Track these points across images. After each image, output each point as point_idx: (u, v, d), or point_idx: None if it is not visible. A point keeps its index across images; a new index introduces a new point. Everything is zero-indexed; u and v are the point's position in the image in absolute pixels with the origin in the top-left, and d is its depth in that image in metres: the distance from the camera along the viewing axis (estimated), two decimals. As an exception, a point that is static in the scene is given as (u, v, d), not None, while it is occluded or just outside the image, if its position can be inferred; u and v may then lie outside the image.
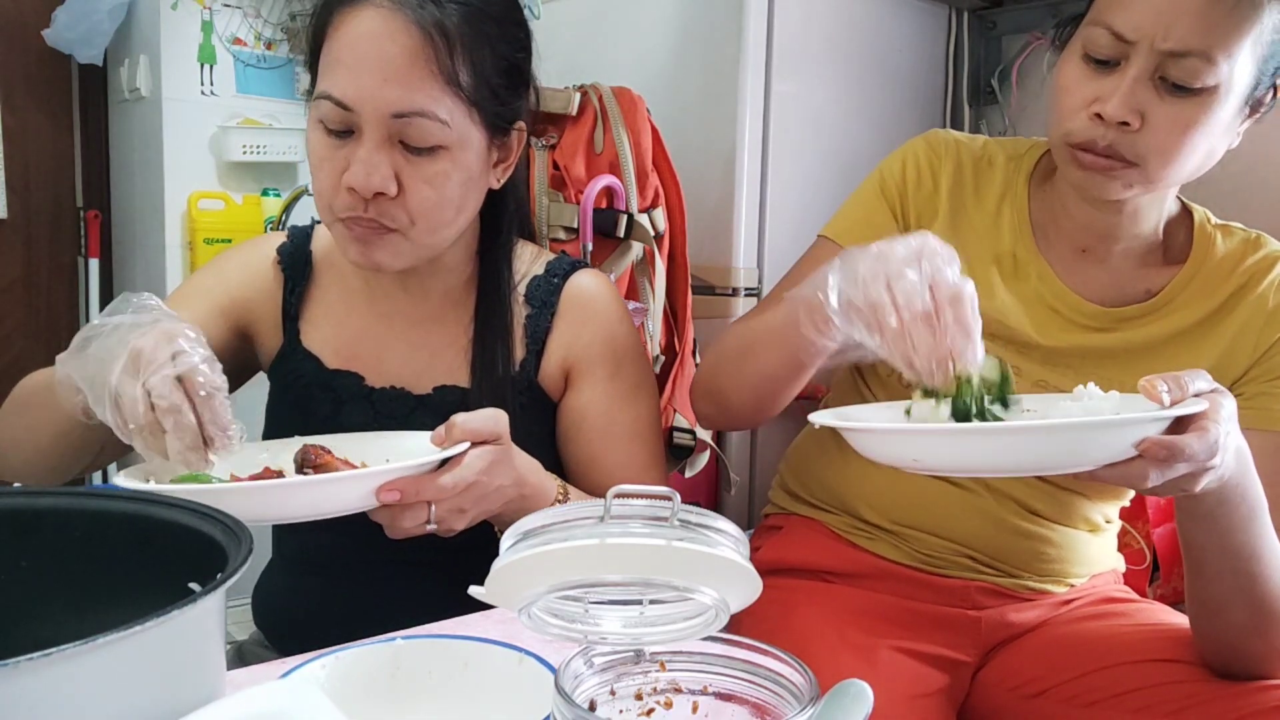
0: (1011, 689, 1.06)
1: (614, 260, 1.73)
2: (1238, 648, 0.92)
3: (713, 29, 1.83)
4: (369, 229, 0.96)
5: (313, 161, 0.99)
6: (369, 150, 0.93)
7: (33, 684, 0.42)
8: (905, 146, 1.16)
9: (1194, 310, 1.05)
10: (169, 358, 0.77)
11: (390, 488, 0.79)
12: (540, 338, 1.07)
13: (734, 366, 1.05)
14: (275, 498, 0.78)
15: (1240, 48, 0.92)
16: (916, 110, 2.06)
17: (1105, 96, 0.94)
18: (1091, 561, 1.13)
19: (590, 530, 0.55)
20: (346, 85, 0.93)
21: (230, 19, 2.49)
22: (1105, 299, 1.07)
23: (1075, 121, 0.97)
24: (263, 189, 2.57)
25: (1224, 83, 0.93)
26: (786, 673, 0.56)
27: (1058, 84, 1.01)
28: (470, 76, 0.96)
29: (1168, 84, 0.93)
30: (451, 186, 0.97)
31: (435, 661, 0.71)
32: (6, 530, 0.62)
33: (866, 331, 0.79)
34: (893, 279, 0.78)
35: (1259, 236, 1.08)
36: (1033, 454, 0.74)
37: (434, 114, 0.93)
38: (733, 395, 1.06)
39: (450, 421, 0.85)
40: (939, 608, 1.09)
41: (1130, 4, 0.93)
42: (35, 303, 2.79)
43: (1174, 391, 0.75)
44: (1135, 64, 0.93)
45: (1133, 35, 0.92)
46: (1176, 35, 0.91)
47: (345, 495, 0.80)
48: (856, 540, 1.13)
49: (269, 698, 0.50)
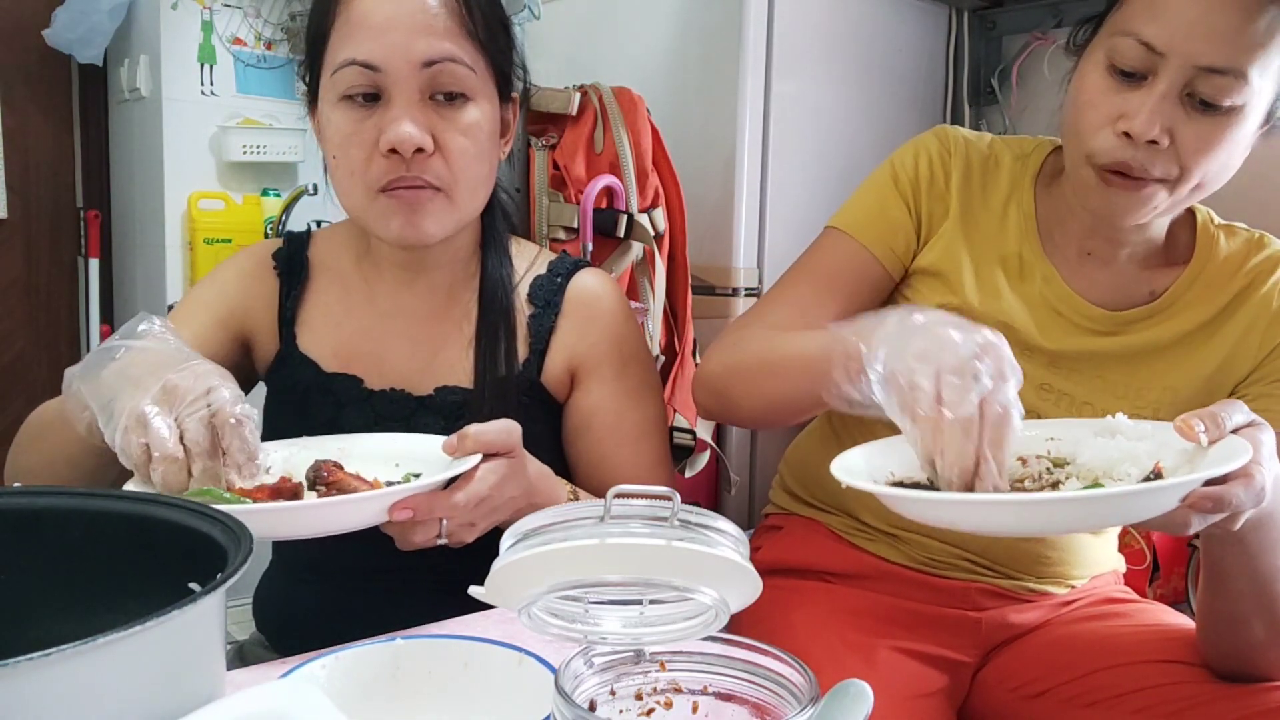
0: (1012, 689, 1.06)
1: (614, 260, 1.73)
2: (1249, 660, 0.92)
3: (713, 29, 1.83)
4: (415, 193, 0.96)
5: (337, 141, 0.98)
6: (402, 107, 0.95)
7: (33, 684, 0.42)
8: (917, 141, 1.14)
9: (1197, 313, 1.04)
10: (204, 392, 0.77)
11: (403, 506, 0.79)
12: (544, 337, 1.07)
13: (752, 380, 1.02)
14: (288, 519, 0.78)
15: (1270, 66, 0.89)
16: (916, 110, 2.06)
17: (1131, 113, 0.91)
18: (1092, 563, 1.14)
19: (590, 530, 0.55)
20: (373, 46, 0.94)
21: (230, 19, 2.49)
22: (1109, 302, 1.05)
23: (1101, 140, 0.93)
24: (263, 189, 2.57)
25: (1250, 101, 0.90)
26: (786, 673, 0.56)
27: (1079, 97, 0.97)
28: (484, 29, 0.99)
29: (1195, 100, 0.90)
30: (484, 138, 0.99)
31: (435, 661, 0.71)
32: (6, 530, 0.62)
33: (899, 409, 0.75)
34: (944, 373, 0.73)
35: (1262, 236, 1.06)
36: (1086, 517, 0.74)
37: (461, 59, 0.96)
38: (744, 405, 1.05)
39: (463, 432, 0.84)
40: (939, 608, 1.08)
41: (1163, 15, 0.89)
42: (35, 303, 2.79)
43: (1211, 431, 0.73)
44: (1165, 78, 0.90)
45: (1165, 48, 0.89)
46: (1213, 51, 0.88)
47: (358, 515, 0.79)
48: (856, 541, 1.13)
49: (269, 698, 0.50)
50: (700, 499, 1.86)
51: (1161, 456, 0.77)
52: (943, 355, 0.74)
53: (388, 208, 0.97)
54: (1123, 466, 0.78)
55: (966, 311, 1.01)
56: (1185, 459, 0.76)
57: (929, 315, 0.79)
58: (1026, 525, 0.74)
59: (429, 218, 0.98)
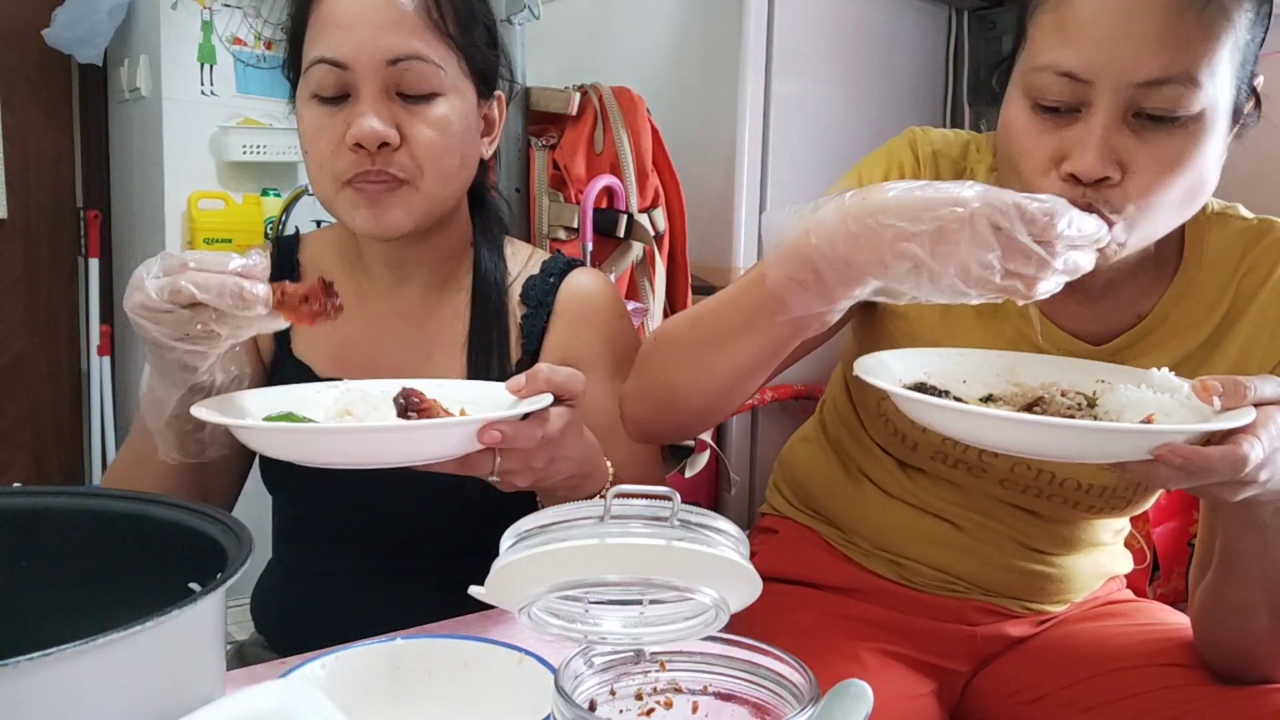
0: (1008, 695, 1.05)
1: (614, 260, 1.73)
2: (1250, 651, 0.90)
3: (713, 29, 1.83)
4: (379, 187, 0.97)
5: (308, 136, 0.99)
6: (367, 103, 0.95)
7: (33, 684, 0.42)
8: (889, 152, 1.03)
9: (1194, 330, 0.94)
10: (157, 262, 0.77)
11: (494, 428, 0.77)
12: (536, 338, 1.07)
13: (692, 363, 0.93)
14: (381, 441, 0.75)
15: (1220, 60, 0.78)
16: (916, 110, 2.06)
17: (1074, 151, 0.80)
18: (1094, 581, 1.11)
19: (590, 530, 0.56)
20: (340, 43, 0.95)
21: (230, 19, 2.49)
22: (1094, 333, 0.95)
23: (1047, 187, 0.81)
24: (263, 189, 2.57)
25: (1211, 105, 0.79)
26: (786, 673, 0.56)
27: (1011, 145, 0.85)
28: (456, 26, 0.98)
29: (1145, 118, 0.79)
30: (454, 132, 0.98)
31: (435, 661, 0.71)
32: (6, 530, 0.62)
33: (893, 257, 0.72)
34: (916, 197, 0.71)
35: (1261, 221, 0.95)
36: (1055, 445, 0.71)
37: (428, 57, 0.96)
38: (693, 396, 0.95)
39: (534, 369, 0.82)
40: (933, 622, 1.07)
41: (1077, 37, 0.79)
42: (35, 303, 2.79)
43: (1230, 397, 0.70)
44: (1102, 106, 0.78)
45: (1089, 73, 0.78)
46: (1145, 61, 0.77)
47: (454, 438, 0.77)
48: (850, 555, 1.11)
49: (269, 698, 0.50)
50: (700, 499, 1.86)
51: (1174, 412, 0.75)
52: (905, 195, 0.72)
53: (353, 201, 0.98)
54: (1129, 413, 0.77)
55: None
56: (1199, 419, 0.74)
57: (860, 191, 0.76)
58: (993, 439, 0.73)
59: (394, 209, 0.98)
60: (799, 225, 0.78)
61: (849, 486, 1.11)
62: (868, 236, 0.74)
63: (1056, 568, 1.06)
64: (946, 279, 0.71)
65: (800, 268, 0.79)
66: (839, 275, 0.77)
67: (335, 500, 1.04)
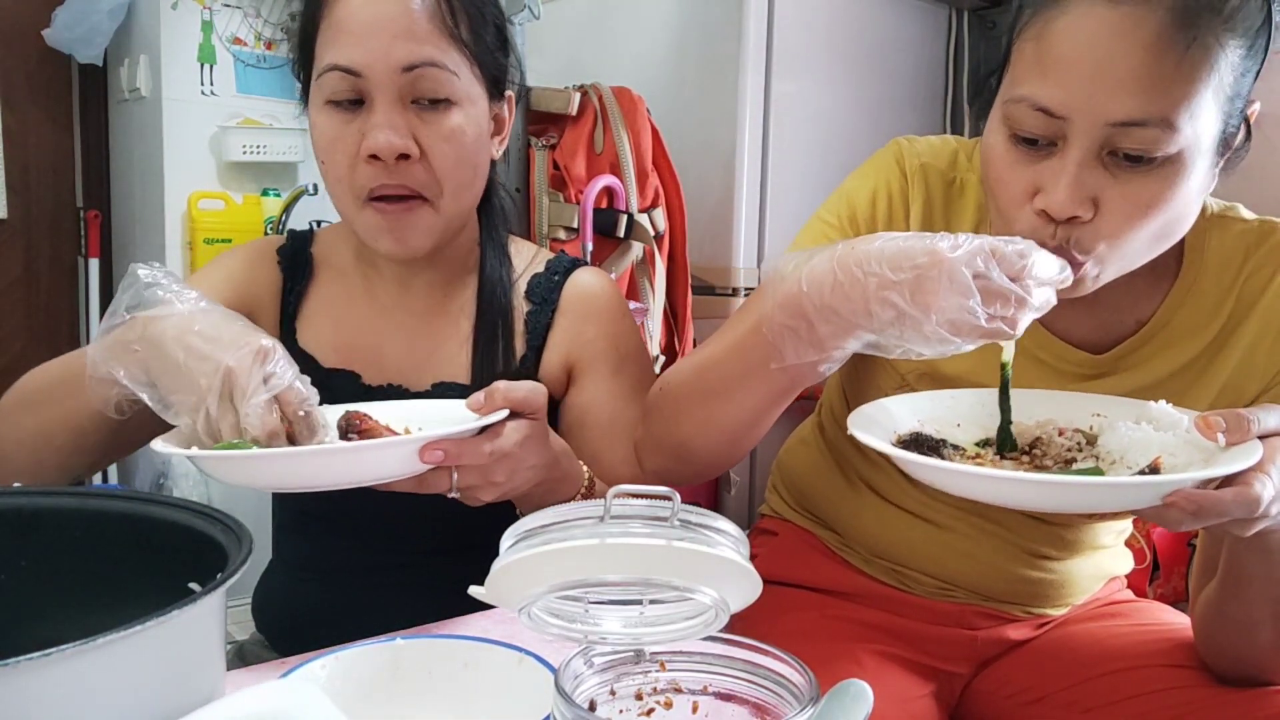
0: (1008, 696, 1.05)
1: (614, 260, 1.73)
2: (1253, 662, 0.90)
3: (713, 29, 1.83)
4: (398, 206, 0.97)
5: (323, 146, 0.99)
6: (383, 112, 0.95)
7: (33, 684, 0.42)
8: (875, 168, 1.01)
9: (1196, 336, 0.92)
10: (262, 381, 0.78)
11: (436, 447, 0.78)
12: (540, 334, 1.08)
13: (699, 415, 0.94)
14: (320, 463, 0.77)
15: (1202, 102, 0.76)
16: (916, 110, 2.06)
17: (1047, 185, 0.79)
18: (1095, 584, 1.11)
19: (590, 530, 0.55)
20: (353, 50, 0.94)
21: (230, 19, 2.49)
22: (1094, 342, 0.94)
23: (1021, 220, 0.82)
24: (263, 189, 2.57)
25: (1190, 145, 0.77)
26: (786, 673, 0.56)
27: (990, 171, 0.85)
28: (469, 31, 0.98)
29: (1120, 158, 0.77)
30: (468, 143, 0.99)
31: (435, 661, 0.71)
32: (6, 530, 0.62)
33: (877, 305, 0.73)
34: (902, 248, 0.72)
35: (1262, 223, 0.93)
36: (1067, 501, 0.72)
37: (443, 64, 0.96)
38: (703, 447, 0.96)
39: (492, 388, 0.84)
40: (933, 627, 1.07)
41: (1054, 72, 0.78)
42: (35, 303, 2.79)
43: (1234, 432, 0.70)
44: (1076, 144, 0.77)
45: (1064, 110, 0.77)
46: (1122, 103, 0.75)
47: (392, 458, 0.78)
48: (849, 559, 1.11)
49: (269, 698, 0.50)
50: (700, 499, 1.86)
51: (1179, 450, 0.75)
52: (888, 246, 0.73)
53: (376, 224, 0.98)
54: (1133, 454, 0.77)
55: (930, 370, 0.97)
56: (1204, 455, 0.74)
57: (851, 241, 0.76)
58: (1003, 498, 0.72)
59: (415, 232, 0.98)
60: (794, 273, 0.79)
61: (847, 492, 1.11)
62: (853, 285, 0.75)
63: (1057, 573, 1.06)
64: (929, 327, 0.72)
65: (794, 315, 0.79)
66: (829, 325, 0.78)
67: (334, 494, 1.04)
